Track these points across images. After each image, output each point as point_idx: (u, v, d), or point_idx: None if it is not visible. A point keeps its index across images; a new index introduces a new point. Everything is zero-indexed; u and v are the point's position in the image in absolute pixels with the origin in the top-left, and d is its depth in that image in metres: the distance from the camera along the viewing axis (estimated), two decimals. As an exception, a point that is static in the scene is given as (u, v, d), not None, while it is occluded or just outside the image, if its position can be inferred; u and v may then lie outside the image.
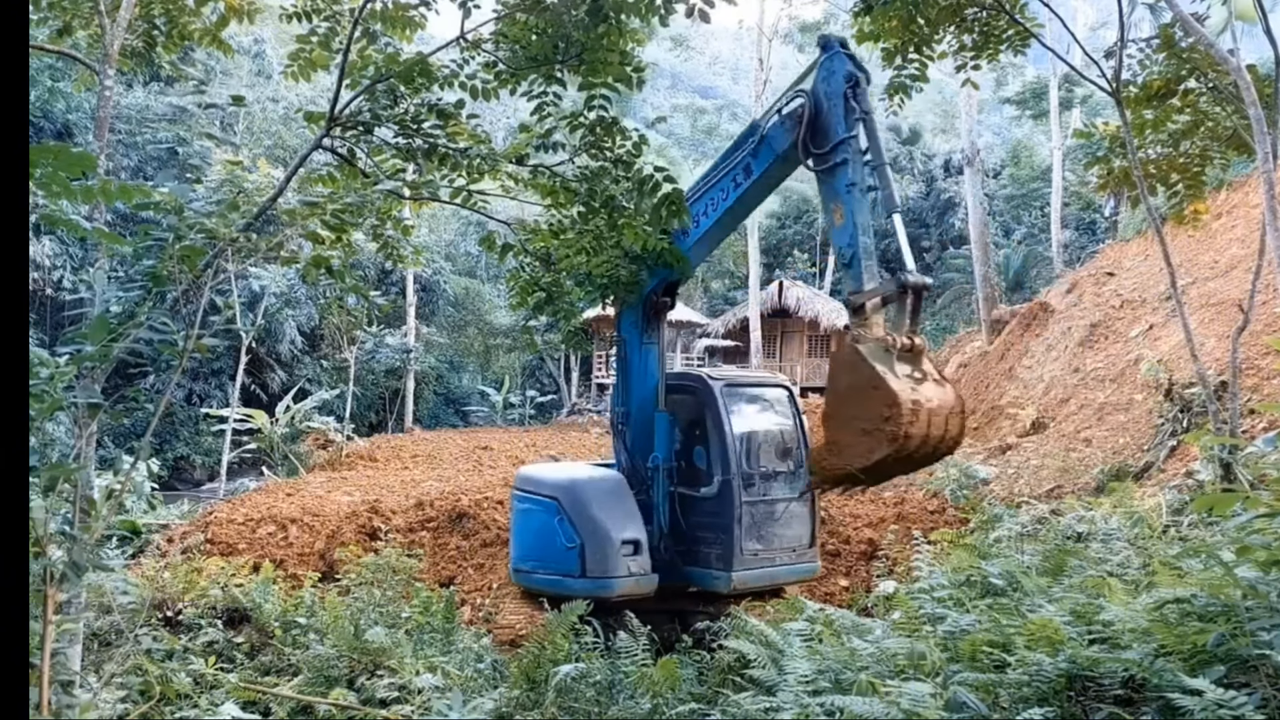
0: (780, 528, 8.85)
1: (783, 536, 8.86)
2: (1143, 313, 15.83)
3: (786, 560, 8.82)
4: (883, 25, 8.97)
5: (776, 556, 8.77)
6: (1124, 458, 11.28)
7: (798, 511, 8.93)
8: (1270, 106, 8.31)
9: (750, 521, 8.63)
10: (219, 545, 11.64)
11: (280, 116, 34.43)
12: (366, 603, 8.10)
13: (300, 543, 12.06)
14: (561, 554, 8.48)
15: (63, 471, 3.61)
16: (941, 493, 13.10)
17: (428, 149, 6.78)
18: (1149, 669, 3.36)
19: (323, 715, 6.39)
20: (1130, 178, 9.67)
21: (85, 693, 4.37)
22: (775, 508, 8.87)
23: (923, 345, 6.36)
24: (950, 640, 4.31)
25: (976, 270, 24.30)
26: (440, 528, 12.72)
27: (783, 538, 8.86)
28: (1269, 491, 5.06)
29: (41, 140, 25.92)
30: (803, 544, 8.94)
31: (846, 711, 3.74)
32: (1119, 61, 8.99)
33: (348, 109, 6.67)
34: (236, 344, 19.86)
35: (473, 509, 12.93)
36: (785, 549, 8.84)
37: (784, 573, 8.84)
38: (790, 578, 8.93)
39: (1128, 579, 5.10)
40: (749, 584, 8.61)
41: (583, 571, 8.35)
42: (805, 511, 8.99)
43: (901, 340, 6.25)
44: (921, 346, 6.34)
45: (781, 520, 8.86)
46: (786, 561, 8.82)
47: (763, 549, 8.69)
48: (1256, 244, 9.37)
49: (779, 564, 8.79)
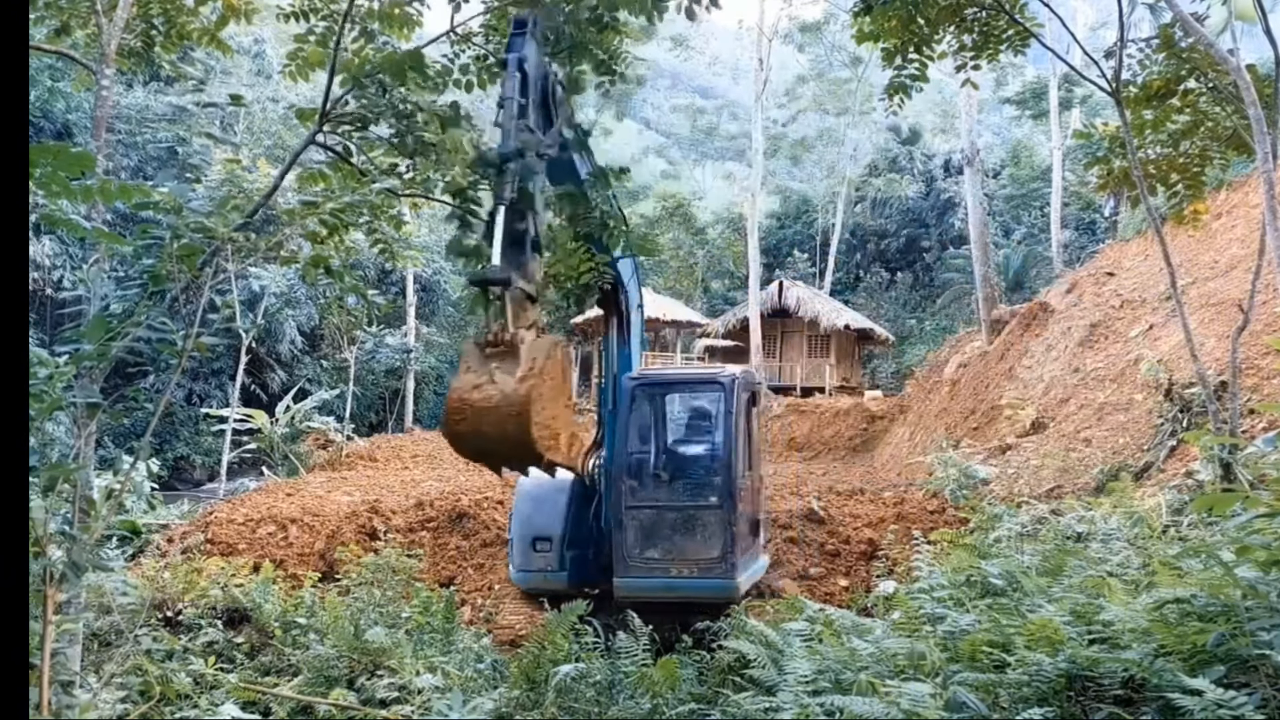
0: (682, 537, 8.23)
1: (684, 547, 8.20)
2: (1143, 313, 15.83)
3: (688, 572, 8.08)
4: (883, 25, 8.96)
5: (673, 568, 8.11)
6: (1124, 458, 11.27)
7: (706, 521, 8.17)
8: (1270, 106, 8.31)
9: (639, 526, 8.26)
10: (219, 545, 11.64)
11: (280, 116, 34.41)
12: (366, 603, 8.10)
13: (300, 543, 12.06)
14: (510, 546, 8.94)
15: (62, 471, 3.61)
16: (941, 493, 13.10)
17: (420, 145, 6.76)
18: (1149, 669, 3.35)
19: (323, 715, 6.39)
20: (1130, 178, 9.66)
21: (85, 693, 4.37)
22: (671, 515, 8.32)
23: (519, 340, 5.73)
24: (950, 640, 4.31)
25: (976, 270, 24.30)
26: (440, 528, 12.72)
27: (684, 548, 8.19)
28: (1269, 491, 5.05)
29: (41, 140, 25.93)
30: (711, 557, 8.07)
31: (846, 711, 3.74)
32: (1119, 61, 8.99)
33: (339, 105, 6.68)
34: (236, 344, 19.86)
35: (473, 509, 12.93)
36: (688, 560, 8.12)
37: (685, 586, 8.03)
38: (693, 593, 7.99)
39: (1128, 579, 5.09)
40: (636, 592, 8.01)
41: (510, 562, 8.81)
42: (716, 523, 8.11)
43: (490, 335, 5.78)
44: (516, 342, 5.72)
45: (684, 529, 8.26)
46: (688, 574, 8.08)
47: (658, 557, 8.18)
48: (1256, 244, 9.36)
49: (676, 575, 8.10)
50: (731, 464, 8.20)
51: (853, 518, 12.54)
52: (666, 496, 8.50)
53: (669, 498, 8.49)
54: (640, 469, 8.60)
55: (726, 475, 8.22)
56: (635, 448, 8.62)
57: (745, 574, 8.33)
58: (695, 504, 8.32)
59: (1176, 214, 10.09)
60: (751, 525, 8.80)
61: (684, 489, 8.57)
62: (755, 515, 9.00)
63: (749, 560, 8.57)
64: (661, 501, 8.44)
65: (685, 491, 8.53)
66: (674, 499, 8.47)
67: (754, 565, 8.79)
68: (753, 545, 8.82)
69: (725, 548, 8.06)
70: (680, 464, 8.85)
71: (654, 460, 8.71)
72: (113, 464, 16.09)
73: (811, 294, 36.66)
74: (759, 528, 9.15)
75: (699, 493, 8.41)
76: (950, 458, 13.83)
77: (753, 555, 8.79)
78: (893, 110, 9.78)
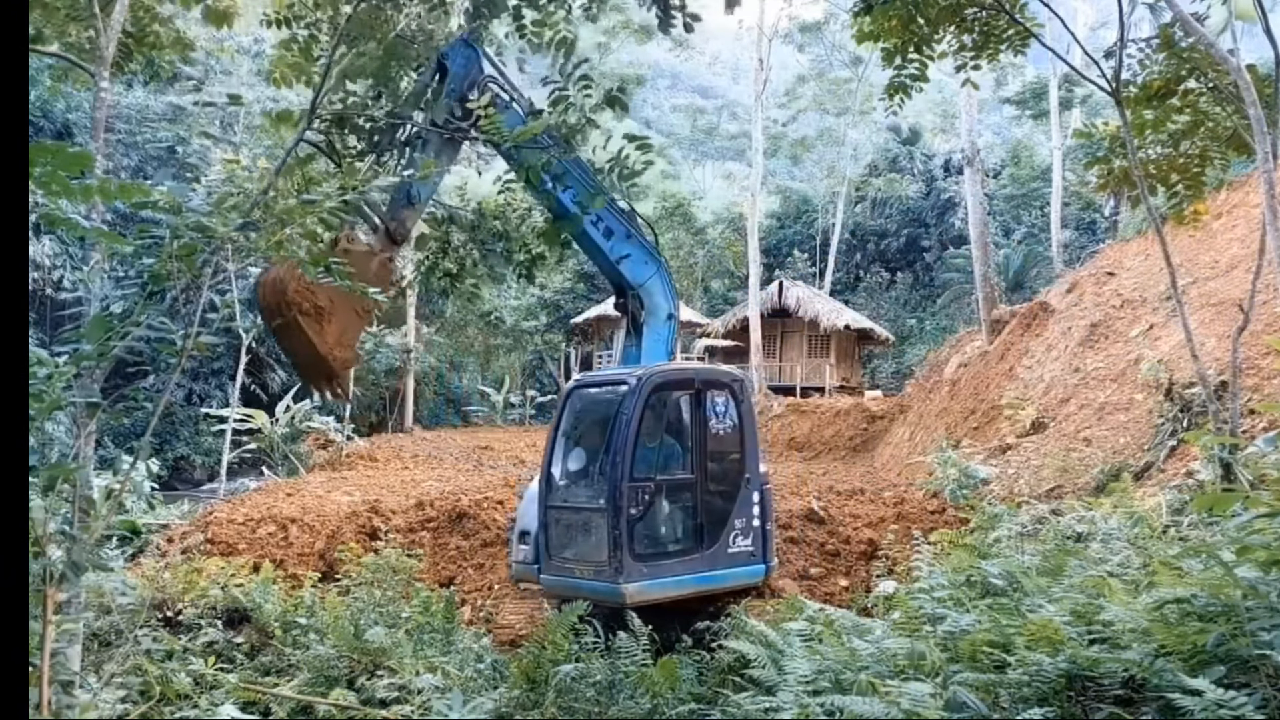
0: (581, 537, 8.37)
1: (582, 547, 8.34)
2: (1143, 312, 15.82)
3: (586, 575, 8.21)
4: (883, 25, 8.97)
5: (576, 568, 8.32)
6: (1124, 458, 11.26)
7: (595, 524, 8.20)
8: (1270, 106, 8.31)
9: (556, 526, 8.47)
10: (219, 545, 11.62)
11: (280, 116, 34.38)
12: (366, 603, 8.10)
13: (300, 543, 12.05)
14: None
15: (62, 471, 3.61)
16: (941, 493, 13.09)
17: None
18: (1149, 669, 3.35)
19: (323, 715, 6.39)
20: (1130, 178, 9.66)
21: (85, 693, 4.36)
22: (574, 515, 8.49)
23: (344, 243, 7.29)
24: (950, 640, 4.30)
25: (976, 270, 24.28)
26: (440, 528, 12.71)
27: (582, 548, 8.34)
28: (1269, 491, 5.05)
29: (41, 140, 25.93)
30: (600, 559, 8.05)
31: (846, 711, 3.74)
32: (1119, 61, 8.98)
33: (325, 100, 6.82)
34: (236, 344, 19.86)
35: (473, 509, 12.92)
36: (585, 561, 8.25)
37: (585, 587, 8.08)
38: (590, 593, 7.87)
39: (1128, 579, 5.09)
40: (556, 589, 8.41)
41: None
42: (602, 524, 8.07)
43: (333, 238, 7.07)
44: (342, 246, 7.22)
45: (582, 530, 8.40)
46: (586, 576, 8.20)
47: (569, 557, 8.39)
48: (1256, 244, 9.36)
49: (579, 577, 8.26)
50: (619, 465, 7.96)
51: (853, 518, 12.53)
52: (573, 497, 8.64)
53: (575, 499, 8.62)
54: (561, 469, 8.79)
55: (613, 477, 7.99)
56: (562, 448, 8.81)
57: (657, 579, 8.08)
58: (588, 506, 8.37)
59: (1177, 214, 10.09)
60: (694, 530, 8.50)
61: (582, 490, 8.65)
62: (700, 520, 8.55)
63: (681, 565, 8.31)
64: (570, 503, 8.61)
65: (584, 492, 8.59)
66: (577, 500, 8.59)
67: (705, 571, 8.42)
68: (699, 550, 8.45)
69: (611, 549, 7.91)
70: (584, 465, 8.83)
71: (568, 461, 8.82)
72: (113, 464, 16.09)
73: (811, 294, 36.65)
74: (714, 533, 8.55)
75: (593, 494, 8.40)
76: (950, 458, 13.82)
77: (705, 561, 8.42)
78: (893, 110, 9.79)
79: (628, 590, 7.83)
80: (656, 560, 8.22)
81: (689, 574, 8.34)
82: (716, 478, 8.71)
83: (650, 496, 8.22)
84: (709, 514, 8.57)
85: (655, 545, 8.36)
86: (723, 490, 8.71)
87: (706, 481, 8.64)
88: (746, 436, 8.89)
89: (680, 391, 8.64)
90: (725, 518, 8.61)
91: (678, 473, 8.54)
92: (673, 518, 8.54)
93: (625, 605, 7.55)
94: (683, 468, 8.59)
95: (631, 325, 9.43)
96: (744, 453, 8.85)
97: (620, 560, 7.87)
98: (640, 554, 8.06)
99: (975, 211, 24.47)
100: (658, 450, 8.47)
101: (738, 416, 8.91)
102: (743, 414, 8.93)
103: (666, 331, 9.36)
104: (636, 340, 9.31)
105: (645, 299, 9.32)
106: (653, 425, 8.39)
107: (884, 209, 45.74)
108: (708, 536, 8.49)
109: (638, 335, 9.31)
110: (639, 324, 9.33)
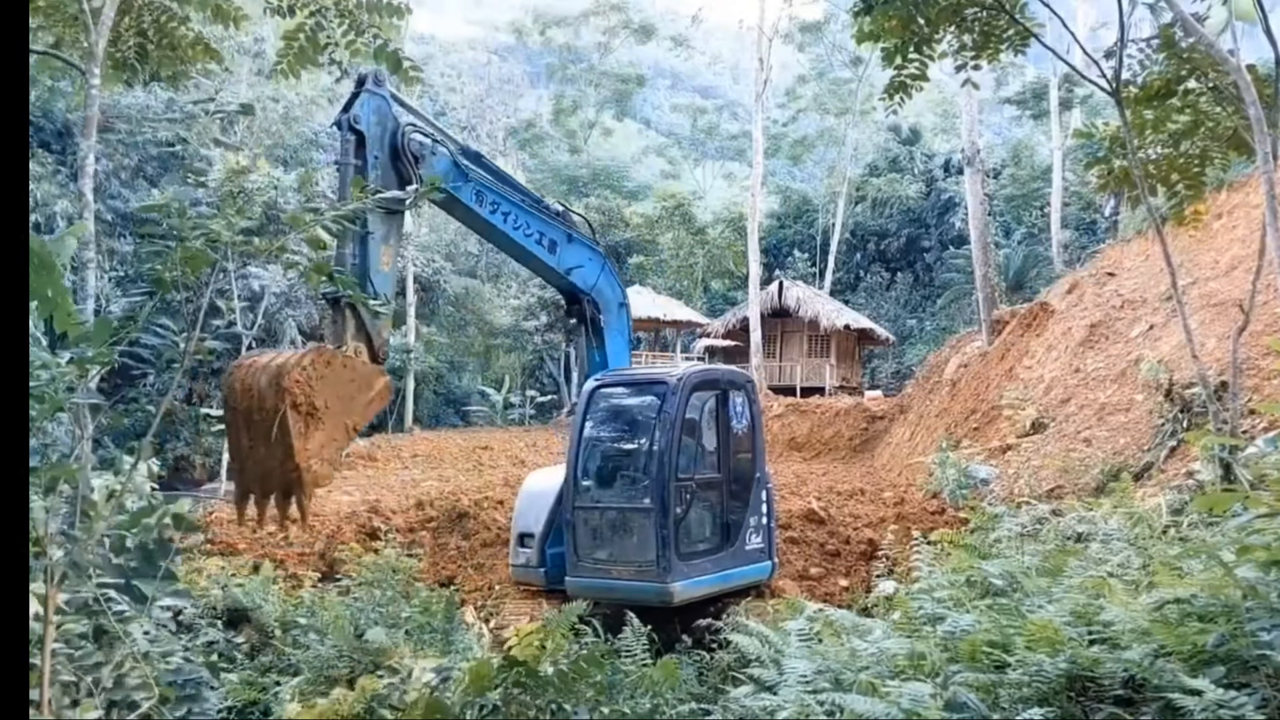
0: (620, 538, 8.23)
1: (622, 548, 8.17)
2: (1143, 313, 15.81)
3: (626, 575, 8.05)
4: (883, 25, 8.97)
5: (615, 570, 8.12)
6: (1124, 458, 11.27)
7: (638, 523, 8.11)
8: (1270, 106, 8.31)
9: (586, 527, 8.32)
10: (219, 545, 11.63)
11: (280, 116, 34.40)
12: (366, 603, 8.09)
13: (300, 543, 12.05)
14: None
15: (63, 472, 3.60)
16: (941, 493, 13.10)
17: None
18: (1149, 669, 3.35)
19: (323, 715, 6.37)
20: (1130, 178, 9.66)
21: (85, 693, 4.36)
22: (610, 515, 8.37)
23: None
24: (950, 640, 4.30)
25: (976, 270, 24.28)
26: (440, 528, 12.72)
27: (622, 549, 8.17)
28: (1269, 491, 5.05)
29: (41, 140, 25.95)
30: (646, 559, 7.96)
31: (846, 711, 3.74)
32: (1119, 61, 8.99)
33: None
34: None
35: (473, 509, 12.93)
36: (626, 562, 8.10)
37: (623, 588, 7.94)
38: (629, 594, 7.77)
39: (1128, 579, 5.09)
40: (586, 592, 7.92)
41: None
42: (646, 524, 7.99)
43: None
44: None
45: (620, 530, 8.26)
46: (626, 577, 8.04)
47: (603, 558, 8.22)
48: (1257, 244, 9.36)
49: (617, 578, 8.08)
50: (665, 464, 7.94)
51: (853, 518, 12.54)
52: (608, 498, 8.55)
53: (610, 499, 8.53)
54: (590, 470, 8.67)
55: (661, 476, 7.97)
56: (588, 449, 8.67)
57: (696, 578, 8.09)
58: (630, 506, 8.29)
59: (1177, 214, 10.10)
60: (721, 528, 8.56)
61: (617, 491, 8.59)
62: (726, 518, 8.65)
63: (711, 563, 8.33)
64: (603, 503, 8.50)
65: (619, 493, 8.54)
66: (614, 500, 8.51)
67: (729, 569, 8.45)
68: (725, 548, 8.51)
69: (659, 549, 7.87)
70: (620, 465, 8.80)
71: (600, 461, 8.75)
72: (113, 464, 16.06)
73: (811, 294, 36.66)
74: (735, 531, 8.66)
75: (632, 494, 8.36)
76: (950, 458, 13.83)
77: (729, 558, 8.47)
78: (893, 110, 9.80)
79: (675, 589, 7.81)
80: (695, 559, 8.27)
81: (718, 571, 8.40)
82: (736, 476, 8.80)
83: (691, 495, 8.29)
84: (732, 512, 8.68)
85: (694, 544, 8.40)
86: (741, 489, 8.79)
87: (730, 480, 8.74)
88: (756, 436, 9.06)
89: (710, 391, 8.75)
90: (743, 515, 8.70)
91: (707, 472, 8.62)
92: (705, 516, 8.61)
93: (670, 604, 7.58)
94: (710, 467, 8.68)
95: (591, 329, 9.10)
96: (754, 452, 8.98)
97: (669, 559, 7.84)
98: (684, 553, 8.08)
99: (975, 211, 24.47)
100: (694, 449, 8.55)
101: (750, 416, 9.00)
102: (754, 414, 9.04)
103: (623, 322, 9.27)
104: (599, 342, 9.08)
105: (599, 299, 9.06)
106: (690, 424, 8.46)
107: (884, 209, 45.73)
108: (732, 534, 8.60)
109: (598, 337, 9.07)
110: (598, 326, 9.05)
